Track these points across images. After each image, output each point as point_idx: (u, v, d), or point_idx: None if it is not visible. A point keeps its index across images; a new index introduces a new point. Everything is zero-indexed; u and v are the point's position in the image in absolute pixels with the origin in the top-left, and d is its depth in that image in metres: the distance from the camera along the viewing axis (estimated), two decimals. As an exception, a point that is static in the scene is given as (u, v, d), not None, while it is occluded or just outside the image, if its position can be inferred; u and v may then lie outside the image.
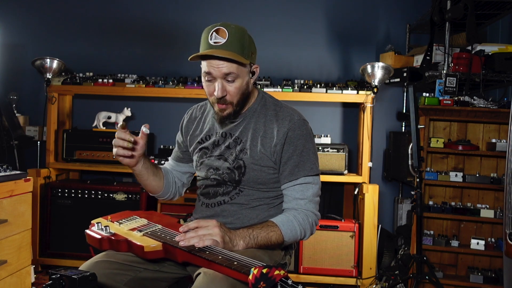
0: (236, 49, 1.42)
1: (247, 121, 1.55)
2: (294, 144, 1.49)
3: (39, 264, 3.08)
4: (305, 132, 1.51)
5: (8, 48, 3.43)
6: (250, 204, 1.53)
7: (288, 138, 1.49)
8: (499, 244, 2.78)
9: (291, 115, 1.52)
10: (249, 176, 1.51)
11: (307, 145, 1.51)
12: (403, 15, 3.46)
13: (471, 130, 2.93)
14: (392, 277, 2.90)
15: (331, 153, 3.04)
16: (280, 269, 1.04)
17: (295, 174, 1.49)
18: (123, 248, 1.39)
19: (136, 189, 3.08)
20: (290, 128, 1.49)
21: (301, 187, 1.49)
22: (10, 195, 2.03)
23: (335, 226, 2.92)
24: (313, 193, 1.49)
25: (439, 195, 2.96)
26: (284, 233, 1.43)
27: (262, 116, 1.54)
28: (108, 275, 1.36)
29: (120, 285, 1.37)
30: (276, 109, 1.55)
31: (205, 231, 1.33)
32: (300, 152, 1.49)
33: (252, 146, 1.51)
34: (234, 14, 3.51)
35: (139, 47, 3.58)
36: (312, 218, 1.48)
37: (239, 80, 1.46)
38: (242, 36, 1.44)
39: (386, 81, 3.15)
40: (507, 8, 2.82)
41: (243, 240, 1.38)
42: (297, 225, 1.45)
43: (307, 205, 1.48)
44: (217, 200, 1.56)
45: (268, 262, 1.39)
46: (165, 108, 3.55)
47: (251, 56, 1.48)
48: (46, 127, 3.26)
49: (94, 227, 1.48)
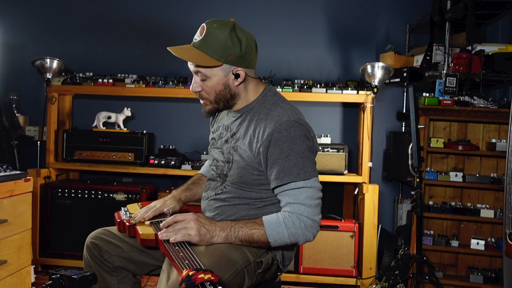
0: (207, 49, 1.42)
1: (243, 118, 1.54)
2: (280, 147, 1.41)
3: (39, 264, 3.08)
4: (292, 135, 1.41)
5: (8, 48, 3.43)
6: (231, 202, 1.53)
7: (273, 140, 1.41)
8: (499, 244, 2.78)
9: (279, 115, 1.44)
10: (233, 172, 1.51)
11: (295, 148, 1.41)
12: (403, 15, 3.46)
13: (471, 130, 2.93)
14: (392, 277, 2.90)
15: (331, 153, 3.04)
16: (207, 273, 1.07)
17: (281, 179, 1.41)
18: (131, 233, 1.51)
19: (136, 189, 3.08)
20: (275, 130, 1.41)
21: (293, 192, 1.42)
22: (10, 195, 2.03)
23: (335, 226, 2.92)
24: (307, 196, 1.41)
25: (439, 195, 2.96)
26: (269, 234, 1.40)
27: (257, 114, 1.51)
28: (106, 243, 1.55)
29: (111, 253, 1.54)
30: (271, 108, 1.49)
31: (181, 225, 1.39)
32: (285, 156, 1.40)
33: (241, 144, 1.50)
34: (234, 14, 3.50)
35: (139, 47, 3.58)
36: (306, 223, 1.40)
37: (210, 80, 1.47)
38: (219, 37, 1.41)
39: (386, 81, 3.15)
40: (507, 8, 2.82)
41: (223, 231, 1.41)
42: (286, 229, 1.39)
43: (301, 209, 1.40)
44: (208, 194, 1.61)
45: (238, 260, 1.38)
46: (165, 108, 3.55)
47: (228, 58, 1.43)
48: (46, 127, 3.26)
49: (121, 211, 1.63)
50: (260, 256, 1.48)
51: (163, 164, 3.15)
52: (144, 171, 3.16)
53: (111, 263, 1.54)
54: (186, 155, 3.36)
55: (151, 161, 3.18)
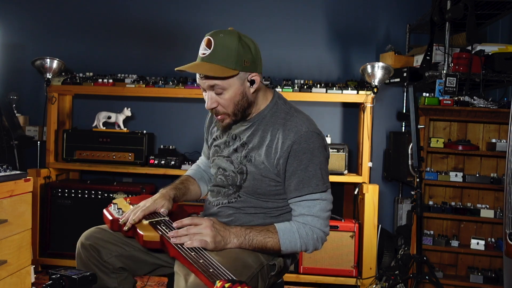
0: (219, 60, 1.38)
1: (255, 127, 1.50)
2: (299, 159, 1.41)
3: (39, 264, 3.08)
4: (311, 146, 1.42)
5: (8, 48, 3.43)
6: (246, 211, 1.52)
7: (292, 151, 1.41)
8: (499, 244, 2.78)
9: (298, 126, 1.43)
10: (249, 184, 1.49)
11: (314, 159, 1.42)
12: (403, 15, 3.46)
13: (471, 130, 2.93)
14: (392, 277, 2.90)
15: (331, 153, 3.04)
16: (244, 286, 1.04)
17: (299, 190, 1.43)
18: (128, 233, 1.46)
19: (136, 189, 3.08)
20: (295, 141, 1.41)
21: (307, 203, 1.43)
22: (10, 195, 2.03)
23: (335, 226, 2.92)
24: (321, 208, 1.43)
25: (439, 195, 2.96)
26: (282, 242, 1.41)
27: (271, 124, 1.47)
28: (104, 243, 1.48)
29: (112, 254, 1.48)
30: (286, 117, 1.47)
31: (196, 230, 1.36)
32: (305, 167, 1.41)
33: (256, 155, 1.47)
34: (234, 14, 3.51)
35: (139, 47, 3.58)
36: (318, 235, 1.44)
37: (228, 91, 1.42)
38: (230, 45, 1.39)
39: (386, 81, 3.15)
40: (507, 8, 2.82)
41: (237, 239, 1.39)
42: (299, 238, 1.42)
43: (314, 221, 1.43)
44: (218, 201, 1.57)
45: (253, 264, 1.38)
46: (165, 108, 3.55)
47: (243, 65, 1.40)
48: (46, 127, 3.26)
49: (111, 207, 1.57)
50: (273, 259, 1.49)
51: (163, 164, 3.15)
52: (144, 171, 3.16)
53: (111, 264, 1.49)
54: (186, 155, 3.36)
55: (151, 161, 3.18)
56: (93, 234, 1.51)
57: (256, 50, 1.45)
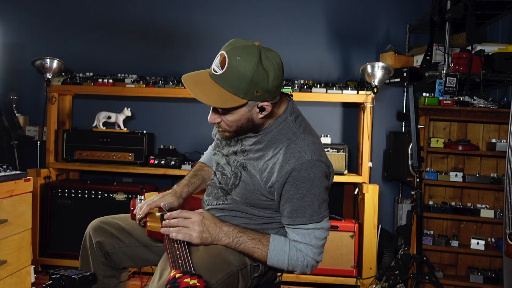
0: (229, 85, 1.28)
1: (259, 138, 1.43)
2: (297, 187, 1.34)
3: (39, 264, 3.08)
4: (312, 176, 1.34)
5: (8, 48, 3.43)
6: (232, 214, 1.50)
7: (291, 178, 1.33)
8: (499, 244, 2.78)
9: (302, 152, 1.34)
10: (239, 191, 1.45)
11: (312, 190, 1.35)
12: (403, 15, 3.46)
13: (471, 130, 2.93)
14: (392, 277, 2.90)
15: (331, 153, 3.04)
16: (194, 278, 1.06)
17: (293, 219, 1.38)
18: (141, 223, 1.52)
19: (136, 189, 3.08)
20: (295, 168, 1.33)
21: (301, 231, 1.39)
22: (10, 195, 2.04)
23: (335, 226, 2.92)
24: (315, 237, 1.39)
25: (439, 195, 2.96)
26: (269, 257, 1.39)
27: (275, 141, 1.40)
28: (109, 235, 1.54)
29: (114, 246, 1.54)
30: (291, 138, 1.38)
31: (185, 224, 1.38)
32: (301, 197, 1.35)
33: (252, 167, 1.42)
34: (234, 14, 3.51)
35: (139, 47, 3.58)
36: (309, 263, 1.40)
37: (232, 115, 1.34)
38: (244, 73, 1.26)
39: (386, 81, 3.15)
40: (507, 8, 2.82)
41: (226, 238, 1.40)
42: (288, 260, 1.39)
43: (307, 249, 1.39)
44: (210, 201, 1.57)
45: (234, 262, 1.38)
46: (165, 108, 3.55)
47: (254, 94, 1.29)
48: (46, 127, 3.26)
49: (137, 199, 1.64)
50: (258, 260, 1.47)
51: (163, 164, 3.15)
52: (144, 171, 3.16)
53: (116, 263, 1.54)
54: (186, 155, 3.36)
55: (151, 161, 3.18)
56: (101, 224, 1.58)
57: (276, 76, 1.31)
